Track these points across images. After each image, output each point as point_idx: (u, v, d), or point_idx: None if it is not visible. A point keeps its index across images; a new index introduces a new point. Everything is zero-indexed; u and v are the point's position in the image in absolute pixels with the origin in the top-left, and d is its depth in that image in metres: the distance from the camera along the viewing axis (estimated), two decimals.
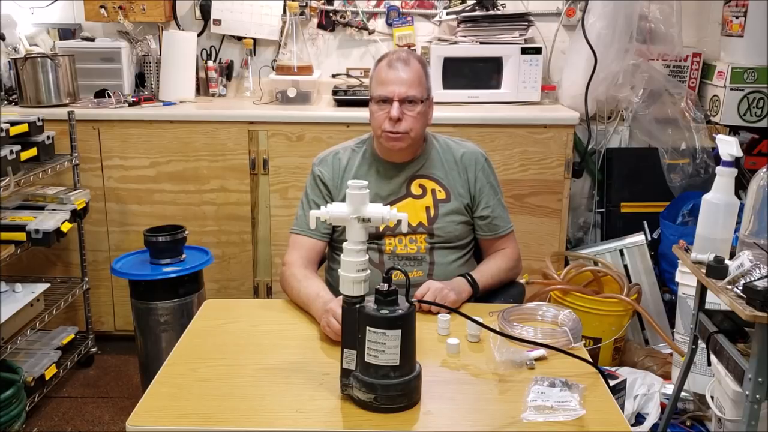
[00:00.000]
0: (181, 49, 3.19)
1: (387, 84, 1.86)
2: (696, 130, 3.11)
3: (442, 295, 1.74)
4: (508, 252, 2.01)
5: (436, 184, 1.96)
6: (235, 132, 2.94)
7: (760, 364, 1.48)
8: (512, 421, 1.31)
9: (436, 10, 3.33)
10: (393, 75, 1.86)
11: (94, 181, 2.99)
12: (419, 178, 1.96)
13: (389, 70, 1.87)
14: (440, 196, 1.95)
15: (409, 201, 1.94)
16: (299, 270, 1.86)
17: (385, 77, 1.87)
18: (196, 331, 1.68)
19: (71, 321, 3.09)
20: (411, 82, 1.86)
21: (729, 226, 1.69)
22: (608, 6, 3.00)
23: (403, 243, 1.92)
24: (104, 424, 2.62)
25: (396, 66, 1.87)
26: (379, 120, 1.88)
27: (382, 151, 1.96)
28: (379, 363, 1.30)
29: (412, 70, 1.87)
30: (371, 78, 1.96)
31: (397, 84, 1.85)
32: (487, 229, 1.99)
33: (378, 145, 1.96)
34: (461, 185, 1.96)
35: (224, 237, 3.05)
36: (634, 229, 3.15)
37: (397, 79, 1.85)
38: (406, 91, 1.85)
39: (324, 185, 1.97)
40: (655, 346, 2.98)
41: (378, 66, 1.91)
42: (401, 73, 1.86)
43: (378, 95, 1.87)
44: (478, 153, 2.01)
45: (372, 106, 1.91)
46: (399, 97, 1.84)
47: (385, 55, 1.93)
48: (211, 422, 1.30)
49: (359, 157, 1.99)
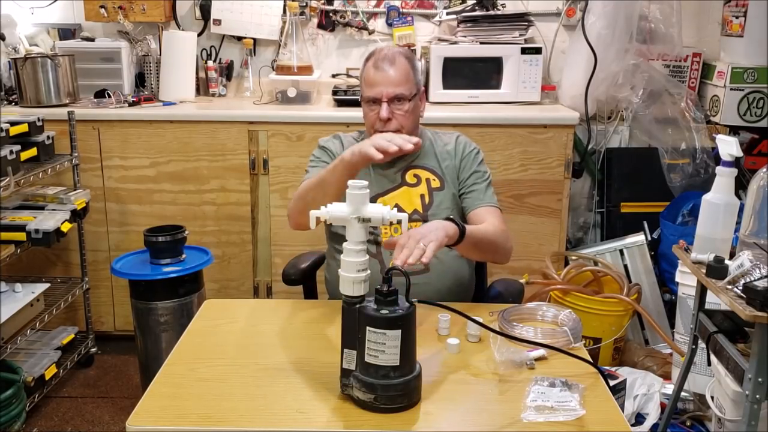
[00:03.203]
0: (181, 49, 3.19)
1: (375, 85, 1.88)
2: (696, 130, 3.11)
3: (424, 241, 1.52)
4: (495, 223, 1.89)
5: (430, 174, 1.99)
6: (235, 132, 2.94)
7: (760, 364, 1.48)
8: (512, 422, 1.31)
9: (436, 10, 3.33)
10: (380, 75, 1.88)
11: (94, 181, 2.99)
12: (414, 168, 1.99)
13: (376, 71, 1.89)
14: (435, 185, 1.97)
15: (404, 189, 1.96)
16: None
17: (372, 78, 1.89)
18: (196, 331, 1.68)
19: (71, 321, 3.09)
20: (398, 80, 1.87)
21: (729, 226, 1.69)
22: (608, 6, 3.00)
23: (399, 232, 1.92)
24: (104, 424, 2.62)
25: (382, 66, 1.89)
26: (370, 120, 1.92)
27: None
28: (379, 363, 1.30)
29: (399, 68, 1.89)
30: (360, 78, 1.98)
31: (384, 84, 1.87)
32: (468, 201, 1.96)
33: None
34: (452, 172, 1.99)
35: (224, 237, 3.05)
36: (634, 229, 3.15)
37: (384, 79, 1.87)
38: (393, 90, 1.87)
39: (332, 154, 1.98)
40: (655, 346, 2.98)
41: (365, 66, 1.93)
42: (388, 73, 1.88)
43: (367, 96, 1.91)
44: (467, 141, 2.05)
45: (363, 107, 1.94)
46: (387, 97, 1.87)
47: (371, 54, 1.95)
48: (210, 422, 1.30)
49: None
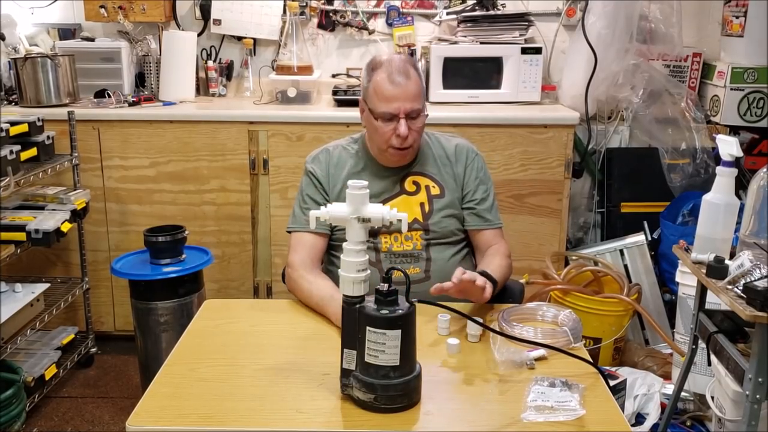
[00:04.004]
0: (181, 49, 3.19)
1: (392, 100, 1.82)
2: (696, 130, 3.11)
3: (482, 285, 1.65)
4: (501, 249, 1.95)
5: (430, 181, 1.96)
6: (235, 132, 2.94)
7: (760, 364, 1.48)
8: (512, 421, 1.31)
9: (436, 10, 3.33)
10: (398, 90, 1.82)
11: (94, 181, 2.98)
12: (413, 175, 1.97)
13: (392, 86, 1.82)
14: (434, 192, 1.95)
15: (403, 198, 1.94)
16: (307, 271, 1.85)
17: (390, 94, 1.82)
18: (196, 331, 1.68)
19: (71, 321, 3.09)
20: (415, 95, 1.84)
21: (729, 226, 1.69)
22: (608, 6, 3.00)
23: (399, 241, 1.92)
24: (104, 424, 2.62)
25: (397, 81, 1.82)
26: (385, 136, 1.85)
27: (381, 159, 1.95)
28: (379, 363, 1.30)
29: (413, 82, 1.84)
30: (369, 90, 1.88)
31: (401, 100, 1.82)
32: (474, 220, 1.96)
33: (378, 154, 1.94)
34: (453, 179, 1.97)
35: (224, 237, 3.05)
36: (634, 229, 3.15)
37: (402, 94, 1.82)
38: (411, 105, 1.83)
39: (318, 182, 1.96)
40: (655, 346, 2.97)
41: (377, 79, 1.85)
42: (405, 88, 1.82)
43: (384, 112, 1.83)
44: (469, 146, 2.02)
45: (374, 122, 1.86)
46: (405, 113, 1.82)
47: (379, 65, 1.87)
48: (210, 422, 1.30)
49: (352, 155, 1.99)
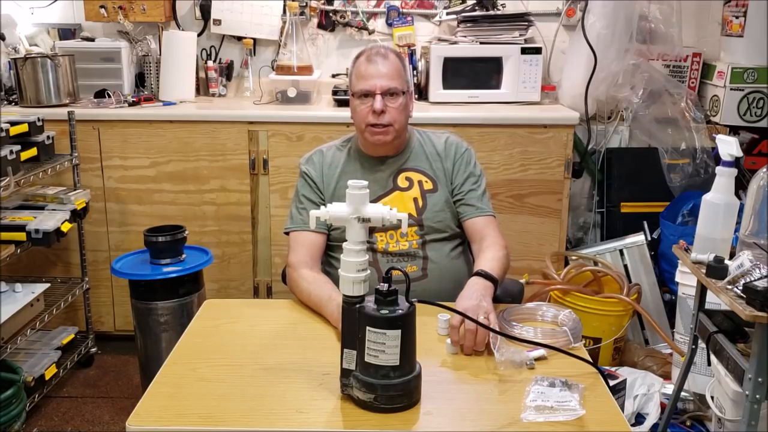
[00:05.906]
0: (181, 49, 3.19)
1: (368, 78, 1.88)
2: (696, 130, 3.11)
3: (479, 311, 1.57)
4: (495, 239, 1.89)
5: (422, 176, 1.98)
6: (235, 132, 2.94)
7: (760, 364, 1.48)
8: (512, 421, 1.31)
9: (436, 10, 3.33)
10: (373, 69, 1.88)
11: (94, 181, 2.98)
12: (405, 171, 1.98)
13: (369, 65, 1.89)
14: (427, 187, 1.96)
15: (396, 194, 1.95)
16: (306, 271, 1.85)
17: (365, 72, 1.89)
18: (196, 331, 1.68)
19: (71, 321, 3.09)
20: (391, 74, 1.89)
21: (729, 226, 1.69)
22: (608, 6, 3.00)
23: (394, 239, 1.92)
24: (104, 424, 2.62)
25: (375, 60, 1.89)
26: (362, 114, 1.90)
27: (366, 146, 1.97)
28: (379, 363, 1.30)
29: (391, 63, 1.90)
30: (351, 75, 1.98)
31: (377, 77, 1.88)
32: (464, 209, 1.96)
33: (363, 141, 1.97)
34: (444, 174, 1.98)
35: (224, 237, 3.05)
36: (634, 229, 3.15)
37: (378, 72, 1.88)
38: (387, 83, 1.87)
39: (313, 182, 1.98)
40: (655, 346, 2.97)
41: (357, 62, 1.94)
42: (381, 67, 1.88)
43: (360, 89, 1.90)
44: (459, 141, 2.04)
45: (354, 102, 1.93)
46: (381, 89, 1.87)
47: (362, 52, 1.95)
48: (211, 422, 1.30)
49: (344, 154, 2.01)
